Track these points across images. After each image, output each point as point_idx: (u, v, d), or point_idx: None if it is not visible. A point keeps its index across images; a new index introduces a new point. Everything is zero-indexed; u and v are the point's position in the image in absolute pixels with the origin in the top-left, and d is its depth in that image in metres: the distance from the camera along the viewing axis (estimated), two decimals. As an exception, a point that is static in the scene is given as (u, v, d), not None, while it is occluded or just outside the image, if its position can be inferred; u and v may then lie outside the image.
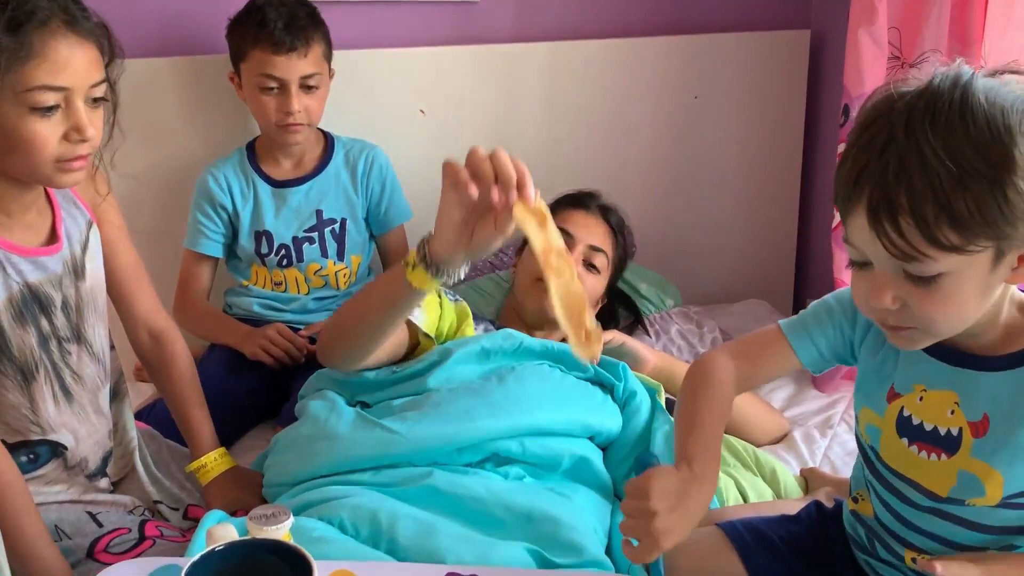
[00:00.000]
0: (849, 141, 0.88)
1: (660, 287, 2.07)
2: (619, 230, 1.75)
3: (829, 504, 1.22)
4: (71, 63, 1.09)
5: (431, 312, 1.47)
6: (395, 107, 2.07)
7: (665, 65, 2.17)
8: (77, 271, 1.26)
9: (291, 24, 1.71)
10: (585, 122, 2.18)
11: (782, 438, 1.65)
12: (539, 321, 1.60)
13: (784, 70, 2.23)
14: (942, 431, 0.96)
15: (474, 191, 1.08)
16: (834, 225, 1.83)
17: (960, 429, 0.95)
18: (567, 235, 1.64)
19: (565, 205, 1.73)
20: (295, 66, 1.73)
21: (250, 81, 1.75)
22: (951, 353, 0.95)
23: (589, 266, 1.65)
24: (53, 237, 1.24)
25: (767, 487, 1.43)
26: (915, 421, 0.98)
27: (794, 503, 1.30)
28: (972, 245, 0.82)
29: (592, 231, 1.68)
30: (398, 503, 1.18)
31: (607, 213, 1.74)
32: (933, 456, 0.97)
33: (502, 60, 2.10)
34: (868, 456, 1.06)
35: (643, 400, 1.44)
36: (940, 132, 0.81)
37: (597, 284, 1.67)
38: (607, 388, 1.45)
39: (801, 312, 1.11)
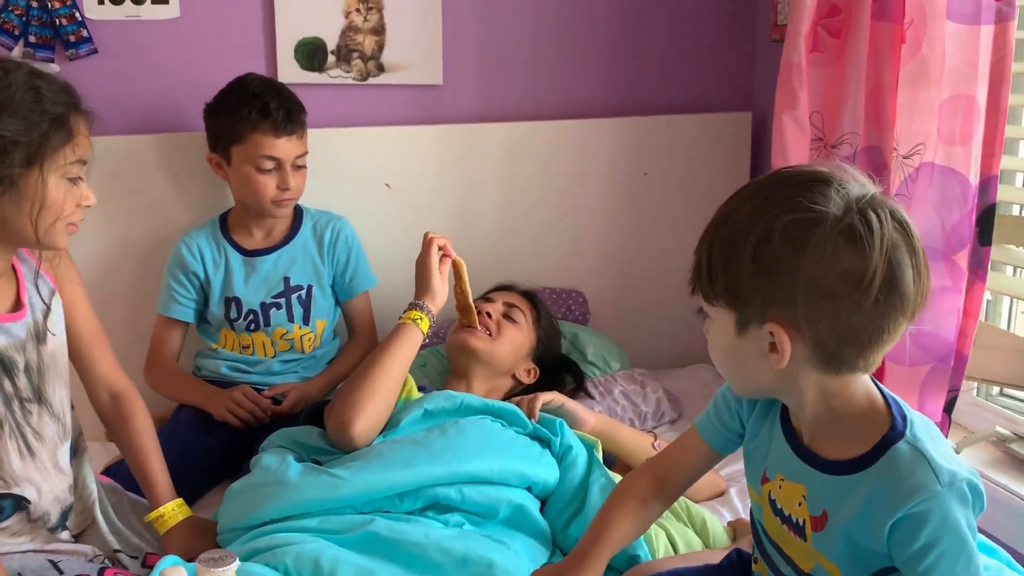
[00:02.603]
0: None
1: (607, 351, 2.16)
2: (540, 307, 1.91)
3: (749, 550, 1.30)
4: (86, 140, 1.31)
5: None
6: (362, 181, 2.19)
7: (616, 144, 2.31)
8: (39, 336, 1.36)
9: (290, 111, 1.87)
10: (541, 196, 2.30)
11: (719, 495, 1.73)
12: (464, 362, 1.74)
13: (728, 148, 2.38)
14: (794, 519, 1.04)
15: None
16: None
17: (804, 520, 1.03)
18: (487, 300, 1.86)
19: (493, 289, 1.94)
20: (292, 147, 1.89)
21: (245, 161, 1.87)
22: (805, 451, 1.03)
23: (508, 318, 1.81)
24: (17, 305, 1.34)
25: (696, 537, 1.50)
26: (778, 505, 1.07)
27: (719, 552, 1.38)
28: (714, 301, 0.97)
29: (511, 297, 1.87)
30: (340, 549, 1.26)
31: (527, 293, 1.93)
32: (795, 536, 1.05)
33: (463, 139, 2.23)
34: (755, 527, 1.15)
35: (579, 453, 1.53)
36: (732, 204, 0.97)
37: (518, 335, 1.80)
38: (545, 443, 1.54)
39: (707, 406, 1.21)
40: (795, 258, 0.90)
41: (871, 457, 0.97)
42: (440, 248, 1.66)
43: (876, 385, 1.02)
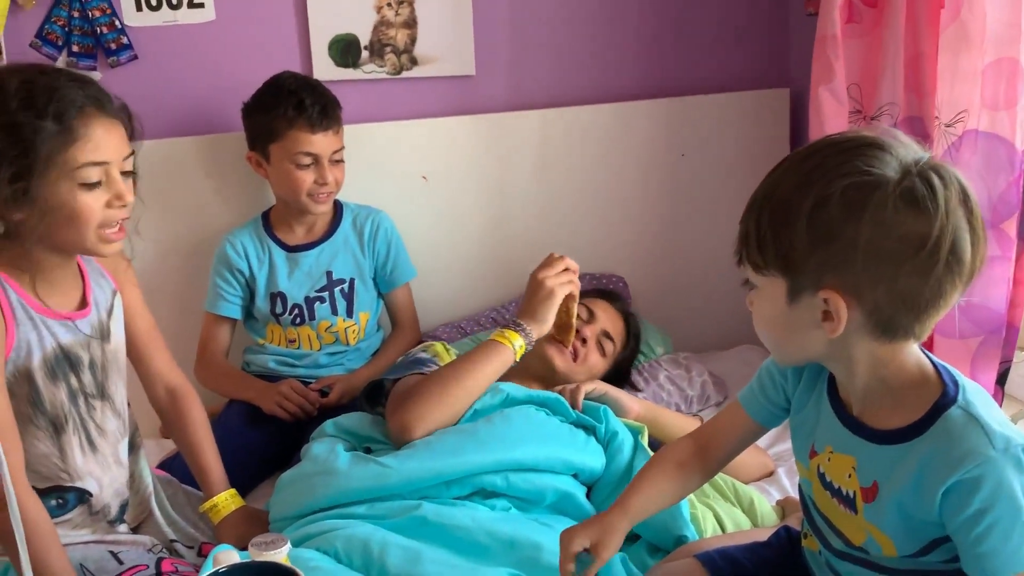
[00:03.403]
0: None
1: (651, 336, 2.15)
2: (634, 335, 1.88)
3: (799, 527, 1.29)
4: (107, 140, 1.26)
5: None
6: (399, 174, 2.21)
7: (652, 126, 2.30)
8: (103, 334, 1.40)
9: (325, 107, 1.90)
10: (577, 182, 2.30)
11: (767, 476, 1.72)
12: (545, 372, 1.70)
13: (766, 126, 2.34)
14: (844, 491, 1.03)
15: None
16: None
17: (855, 492, 1.02)
18: (591, 313, 1.80)
19: (596, 295, 1.90)
20: (329, 142, 1.91)
21: (284, 158, 1.90)
22: (852, 421, 1.03)
23: (599, 347, 1.77)
24: (83, 303, 1.38)
25: (744, 517, 1.50)
26: (828, 479, 1.06)
27: (767, 530, 1.37)
28: (767, 269, 0.94)
29: (612, 321, 1.82)
30: (388, 533, 1.28)
31: (628, 316, 1.89)
32: (846, 510, 1.04)
33: (498, 128, 2.24)
34: (805, 503, 1.14)
35: (625, 439, 1.52)
36: (781, 170, 0.95)
37: (599, 364, 1.77)
38: (590, 430, 1.54)
39: (752, 379, 1.20)
40: (854, 222, 0.89)
41: (923, 424, 0.95)
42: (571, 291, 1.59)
43: (925, 354, 1.00)
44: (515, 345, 1.52)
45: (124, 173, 1.30)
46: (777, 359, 1.08)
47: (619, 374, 1.85)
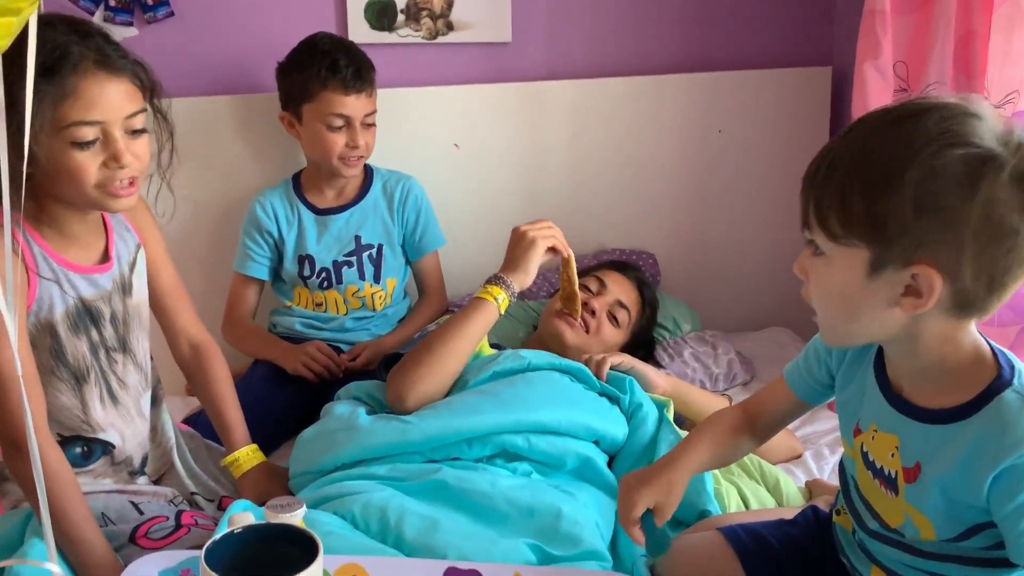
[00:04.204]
0: None
1: (678, 313, 2.13)
2: (649, 304, 1.86)
3: (826, 509, 1.27)
4: (103, 98, 1.20)
5: None
6: (431, 141, 2.19)
7: (689, 101, 2.26)
8: (125, 288, 1.40)
9: (359, 68, 1.88)
10: (611, 155, 2.27)
11: (795, 459, 1.69)
12: (558, 348, 1.69)
13: (807, 105, 2.29)
14: (886, 471, 1.01)
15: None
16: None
17: (896, 472, 0.99)
18: (602, 284, 1.79)
19: (609, 266, 1.89)
20: (362, 105, 1.90)
21: (316, 119, 1.89)
22: (899, 400, 1.00)
23: (612, 318, 1.76)
24: (105, 257, 1.37)
25: (769, 496, 1.48)
26: (871, 458, 1.03)
27: (793, 509, 1.35)
28: (847, 239, 0.89)
29: (624, 290, 1.81)
30: (407, 499, 1.27)
31: (642, 286, 1.87)
32: (888, 492, 1.01)
33: (532, 97, 2.21)
34: (847, 482, 1.11)
35: (650, 412, 1.51)
36: (866, 133, 0.91)
37: (614, 336, 1.76)
38: (614, 400, 1.53)
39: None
40: (967, 197, 0.85)
41: (975, 405, 0.93)
42: (552, 246, 1.58)
43: (981, 335, 0.97)
44: (498, 299, 1.52)
45: (134, 131, 1.25)
46: (829, 338, 1.01)
47: (642, 345, 1.83)
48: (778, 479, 1.51)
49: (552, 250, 1.58)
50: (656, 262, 2.27)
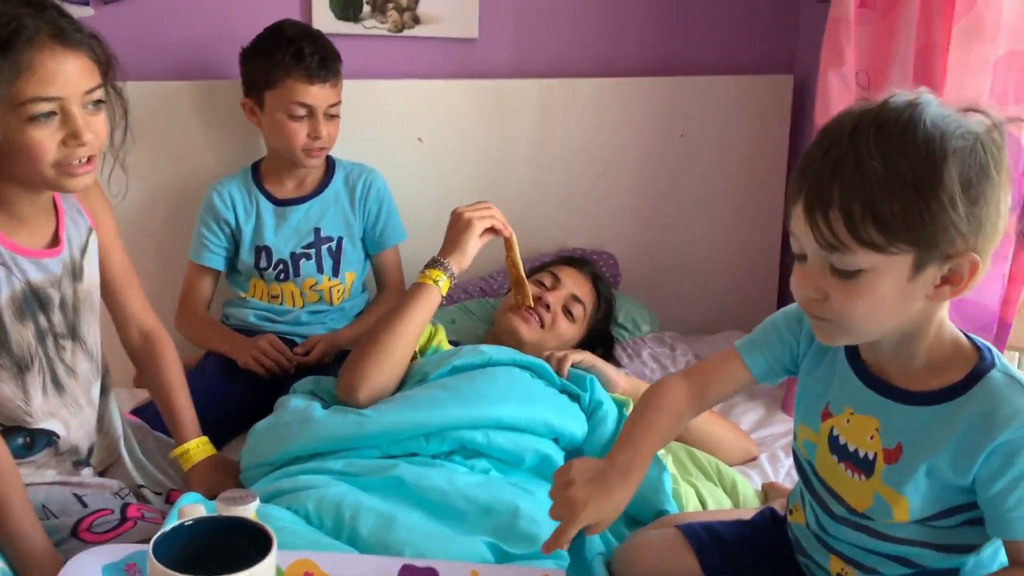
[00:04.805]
0: (809, 145, 0.97)
1: (637, 314, 2.14)
2: (605, 298, 1.86)
3: (782, 512, 1.28)
4: (60, 73, 1.16)
5: None
6: (395, 135, 2.17)
7: (653, 104, 2.27)
8: (76, 273, 1.35)
9: (325, 57, 1.85)
10: (575, 155, 2.27)
11: (749, 461, 1.70)
12: (514, 343, 1.68)
13: (768, 112, 2.32)
14: (861, 454, 1.02)
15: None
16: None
17: (875, 454, 1.01)
18: (556, 279, 1.78)
19: (563, 261, 1.88)
20: (326, 95, 1.86)
21: (278, 107, 1.86)
22: (879, 383, 1.02)
23: (567, 312, 1.75)
24: (55, 240, 1.33)
25: (726, 497, 1.48)
26: (842, 441, 1.04)
27: (751, 510, 1.36)
28: (892, 247, 0.88)
29: (578, 284, 1.80)
30: (362, 495, 1.25)
31: (597, 280, 1.87)
32: (855, 475, 1.03)
33: (498, 94, 2.20)
34: (804, 469, 1.12)
35: (609, 410, 1.51)
36: (880, 140, 0.89)
37: (570, 330, 1.76)
38: (574, 397, 1.52)
39: (752, 331, 1.18)
40: (992, 183, 0.89)
41: (964, 386, 0.96)
42: (491, 227, 1.58)
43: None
44: (438, 282, 1.52)
45: (92, 107, 1.21)
46: (860, 338, 1.00)
47: (600, 343, 1.83)
48: (735, 481, 1.51)
49: (492, 231, 1.57)
50: (616, 263, 2.27)
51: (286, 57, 1.82)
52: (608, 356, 1.89)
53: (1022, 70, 1.54)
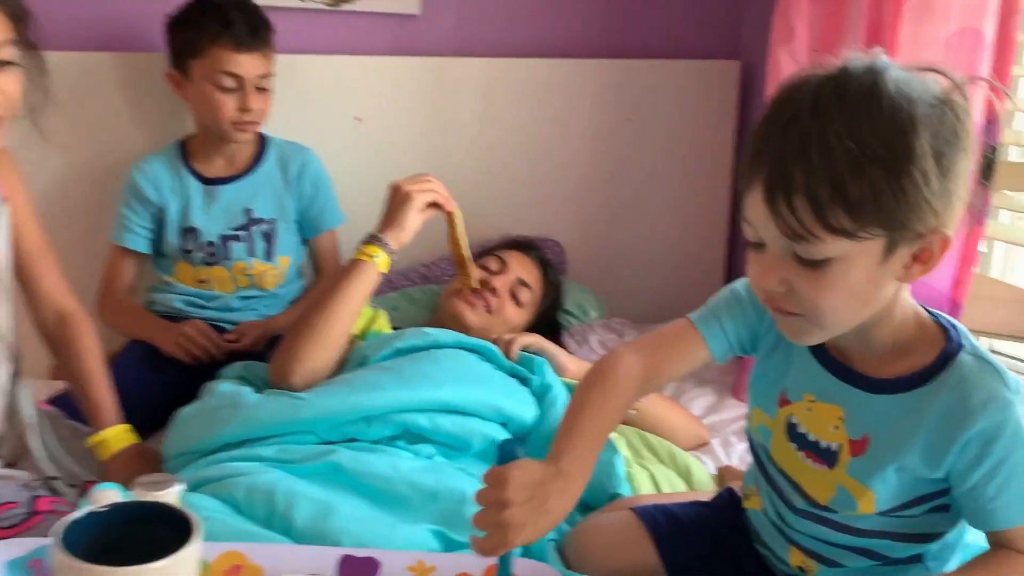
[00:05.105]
0: (758, 119, 0.88)
1: (585, 300, 2.09)
2: (553, 284, 1.80)
3: (740, 492, 1.23)
4: None
5: None
6: (332, 113, 2.08)
7: (599, 87, 2.22)
8: None
9: (255, 25, 1.75)
10: (520, 138, 2.21)
11: (700, 447, 1.66)
12: (459, 329, 1.60)
13: (715, 98, 2.29)
14: (824, 444, 0.96)
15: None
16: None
17: (840, 445, 0.95)
18: (502, 263, 1.72)
19: (510, 245, 1.81)
20: (255, 65, 1.76)
21: (205, 78, 1.75)
22: (842, 369, 0.96)
23: (514, 297, 1.69)
24: None
25: (681, 481, 1.43)
26: (802, 430, 0.98)
27: (708, 492, 1.31)
28: (863, 231, 0.81)
29: (526, 269, 1.74)
30: (297, 482, 1.16)
31: (545, 265, 1.80)
32: (817, 465, 0.97)
33: (440, 73, 2.12)
34: (759, 455, 1.06)
35: (560, 394, 1.44)
36: (845, 113, 0.80)
37: (517, 316, 1.69)
38: (523, 381, 1.46)
39: (708, 302, 1.09)
40: (963, 153, 0.83)
41: (932, 371, 0.90)
42: (432, 201, 1.49)
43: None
44: (375, 258, 1.44)
45: (2, 65, 1.11)
46: (833, 332, 0.91)
47: (547, 329, 1.76)
48: (689, 465, 1.47)
49: (434, 207, 1.49)
50: (562, 249, 2.22)
51: (213, 24, 1.71)
52: (556, 343, 1.83)
53: (972, 48, 1.53)
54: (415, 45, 2.13)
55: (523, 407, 1.39)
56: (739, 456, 1.62)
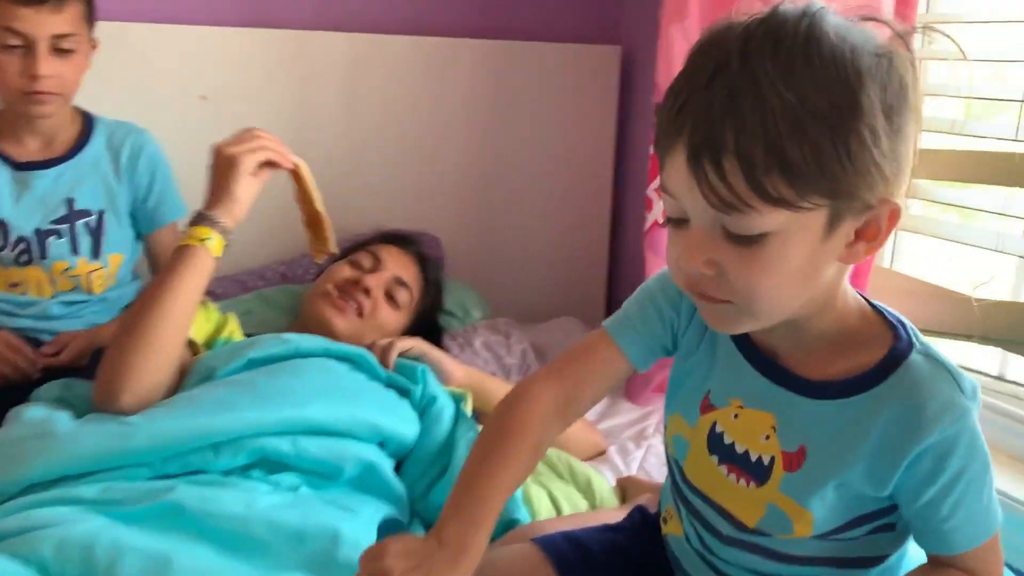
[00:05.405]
0: (677, 74, 0.75)
1: (467, 299, 1.95)
2: (433, 283, 1.65)
3: (653, 509, 1.09)
4: None
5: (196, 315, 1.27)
6: (171, 91, 1.85)
7: (475, 69, 2.08)
8: None
9: None
10: (390, 123, 2.04)
11: (598, 456, 1.53)
12: (319, 332, 1.42)
13: (597, 84, 2.19)
14: (753, 456, 0.84)
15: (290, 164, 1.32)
16: (646, 229, 1.76)
17: (772, 458, 0.83)
18: (376, 260, 1.55)
19: (385, 240, 1.65)
20: (45, 22, 1.48)
21: None
22: (775, 369, 0.83)
23: (390, 298, 1.52)
24: None
25: (581, 497, 1.29)
26: (727, 440, 0.85)
27: (616, 512, 1.17)
28: (804, 201, 0.69)
29: (403, 266, 1.58)
30: (124, 531, 0.93)
31: (424, 261, 1.65)
32: (743, 482, 0.84)
33: (298, 47, 1.93)
34: (673, 472, 0.93)
35: (445, 406, 1.28)
36: (780, 63, 0.68)
37: (393, 319, 1.52)
38: (403, 393, 1.28)
39: (623, 306, 0.96)
40: (912, 110, 0.72)
41: (880, 373, 0.77)
42: (265, 160, 1.27)
43: None
44: (207, 242, 1.22)
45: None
46: (767, 321, 0.78)
47: (428, 331, 1.59)
48: (589, 479, 1.32)
49: (270, 165, 1.28)
50: (440, 245, 2.05)
51: None
52: (437, 347, 1.66)
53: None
54: (268, 16, 1.93)
55: (403, 423, 1.21)
56: (638, 464, 1.50)
